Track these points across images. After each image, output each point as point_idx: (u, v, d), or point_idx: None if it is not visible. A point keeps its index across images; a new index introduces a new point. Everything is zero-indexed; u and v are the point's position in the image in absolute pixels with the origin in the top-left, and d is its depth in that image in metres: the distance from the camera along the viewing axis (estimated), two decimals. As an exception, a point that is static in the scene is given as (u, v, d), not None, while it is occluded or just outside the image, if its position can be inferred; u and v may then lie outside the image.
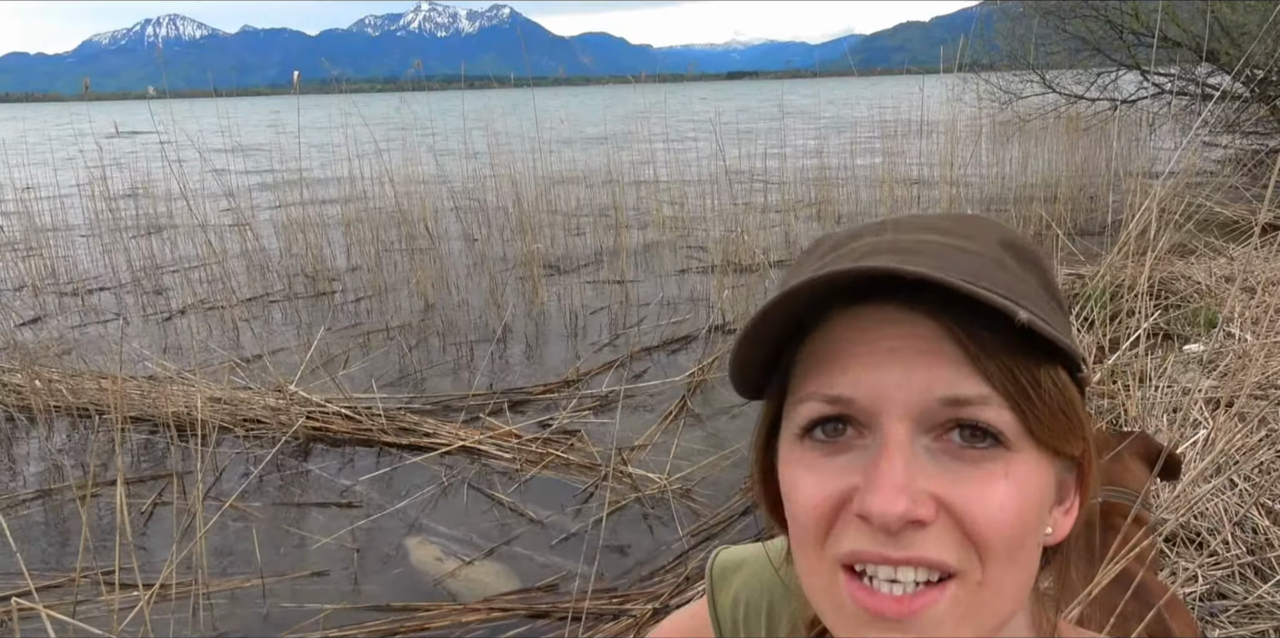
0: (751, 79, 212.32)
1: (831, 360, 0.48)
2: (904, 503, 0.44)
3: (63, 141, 12.33)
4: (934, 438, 0.46)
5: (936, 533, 0.45)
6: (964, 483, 0.45)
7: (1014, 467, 0.46)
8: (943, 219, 0.51)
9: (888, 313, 0.47)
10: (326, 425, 4.13)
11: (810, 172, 10.01)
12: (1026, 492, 0.46)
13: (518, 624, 2.68)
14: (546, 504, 3.43)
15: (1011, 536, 0.45)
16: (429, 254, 7.25)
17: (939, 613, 0.45)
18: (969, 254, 0.48)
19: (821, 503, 0.47)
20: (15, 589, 2.76)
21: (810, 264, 0.52)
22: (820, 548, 0.48)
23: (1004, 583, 0.46)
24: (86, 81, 9.74)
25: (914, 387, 0.46)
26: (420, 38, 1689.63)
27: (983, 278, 0.46)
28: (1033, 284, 0.49)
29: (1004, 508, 0.45)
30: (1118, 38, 12.40)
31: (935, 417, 0.46)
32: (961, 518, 0.45)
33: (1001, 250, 0.50)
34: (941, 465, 0.46)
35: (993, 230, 0.51)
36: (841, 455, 0.48)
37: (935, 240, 0.49)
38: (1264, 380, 3.41)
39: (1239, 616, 2.28)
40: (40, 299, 6.86)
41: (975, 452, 0.46)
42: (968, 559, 0.45)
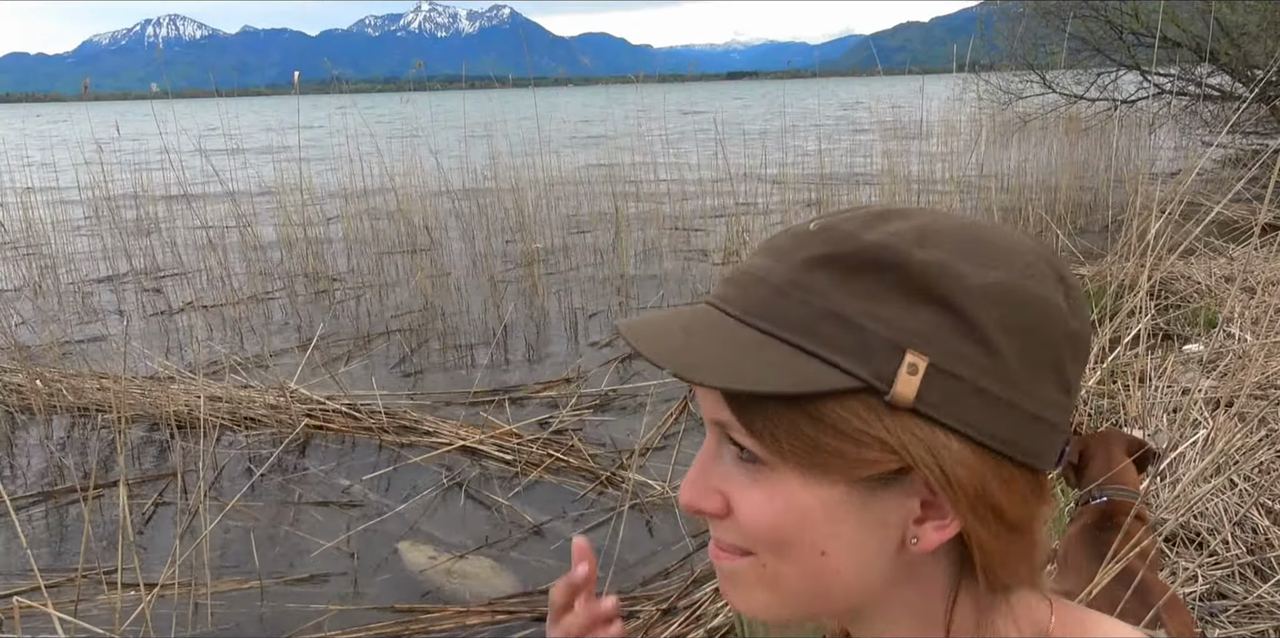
0: (751, 79, 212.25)
1: None
2: (688, 496, 0.54)
3: (63, 142, 12.32)
4: (731, 445, 0.53)
5: (730, 524, 0.53)
6: (736, 487, 0.53)
7: (773, 479, 0.51)
8: (786, 236, 0.54)
9: None
10: (327, 423, 4.13)
11: (810, 172, 10.01)
12: (781, 504, 0.51)
13: (522, 627, 2.68)
14: (546, 509, 3.43)
15: (769, 537, 0.52)
16: (429, 253, 7.25)
17: (734, 568, 0.54)
18: (761, 283, 0.51)
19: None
20: (17, 588, 2.77)
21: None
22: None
23: (781, 572, 0.53)
24: (87, 82, 9.74)
25: (705, 407, 0.54)
26: (420, 38, 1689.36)
27: (753, 311, 0.50)
28: (850, 297, 0.48)
29: (757, 512, 0.52)
30: (1118, 38, 12.41)
31: (720, 432, 0.53)
32: (732, 514, 0.53)
33: (804, 269, 0.50)
34: (730, 469, 0.53)
35: (812, 246, 0.50)
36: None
37: (755, 267, 0.53)
38: (1264, 380, 3.41)
39: (1239, 616, 2.28)
40: (41, 299, 6.86)
41: (746, 464, 0.52)
42: (754, 548, 0.53)
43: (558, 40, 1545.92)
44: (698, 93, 47.39)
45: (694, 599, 2.67)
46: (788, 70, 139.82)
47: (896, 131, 10.28)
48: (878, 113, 12.97)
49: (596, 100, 40.50)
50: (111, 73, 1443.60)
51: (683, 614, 2.60)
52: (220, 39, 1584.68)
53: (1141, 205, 3.82)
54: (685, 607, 2.64)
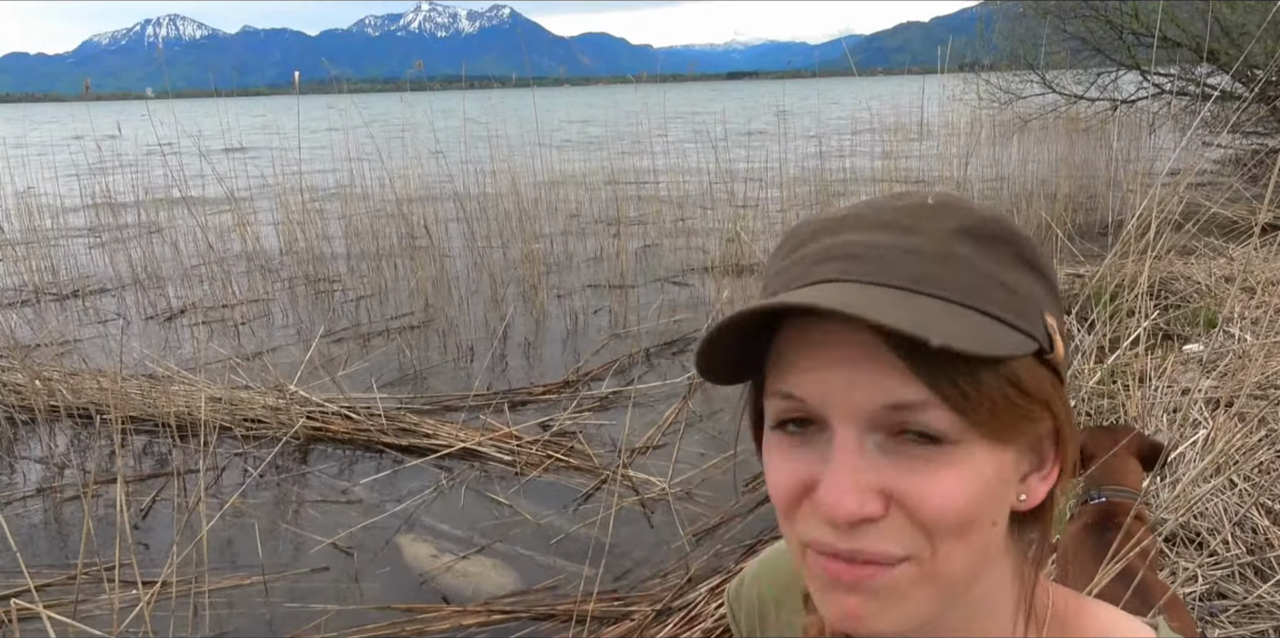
0: (751, 79, 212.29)
1: (786, 363, 0.51)
2: (850, 504, 0.47)
3: (64, 142, 12.33)
4: (886, 434, 0.49)
5: (888, 525, 0.49)
6: (911, 476, 0.48)
7: (959, 457, 0.49)
8: (897, 211, 0.52)
9: (831, 322, 0.49)
10: (326, 426, 4.13)
11: (810, 172, 10.00)
12: (972, 479, 0.49)
13: (519, 627, 2.68)
14: (547, 507, 3.43)
15: (958, 520, 0.49)
16: (429, 254, 7.25)
17: (890, 580, 0.49)
18: (913, 254, 0.50)
19: (789, 488, 0.51)
20: (15, 589, 2.76)
21: (780, 259, 0.55)
22: (791, 528, 0.52)
23: (953, 557, 0.50)
24: (87, 82, 9.75)
25: (858, 394, 0.49)
26: (420, 38, 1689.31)
27: (924, 280, 0.49)
28: (991, 268, 0.51)
29: (949, 497, 0.48)
30: (1118, 38, 12.40)
31: (883, 419, 0.49)
32: (912, 509, 0.48)
33: (954, 240, 0.51)
34: (892, 460, 0.49)
35: (946, 218, 0.52)
36: (805, 447, 0.51)
37: (883, 242, 0.51)
38: (1264, 380, 3.41)
39: (1239, 616, 2.28)
40: (41, 299, 6.86)
41: (925, 448, 0.49)
42: (918, 544, 0.49)
43: (557, 40, 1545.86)
44: (698, 93, 47.43)
45: (689, 600, 2.66)
46: (788, 70, 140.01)
47: (896, 131, 10.28)
48: (877, 113, 12.98)
49: (596, 100, 40.52)
50: (111, 73, 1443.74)
51: (678, 615, 2.59)
52: (220, 39, 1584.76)
53: (1141, 205, 3.81)
54: (680, 607, 2.64)
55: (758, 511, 3.31)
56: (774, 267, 0.56)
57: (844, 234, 0.52)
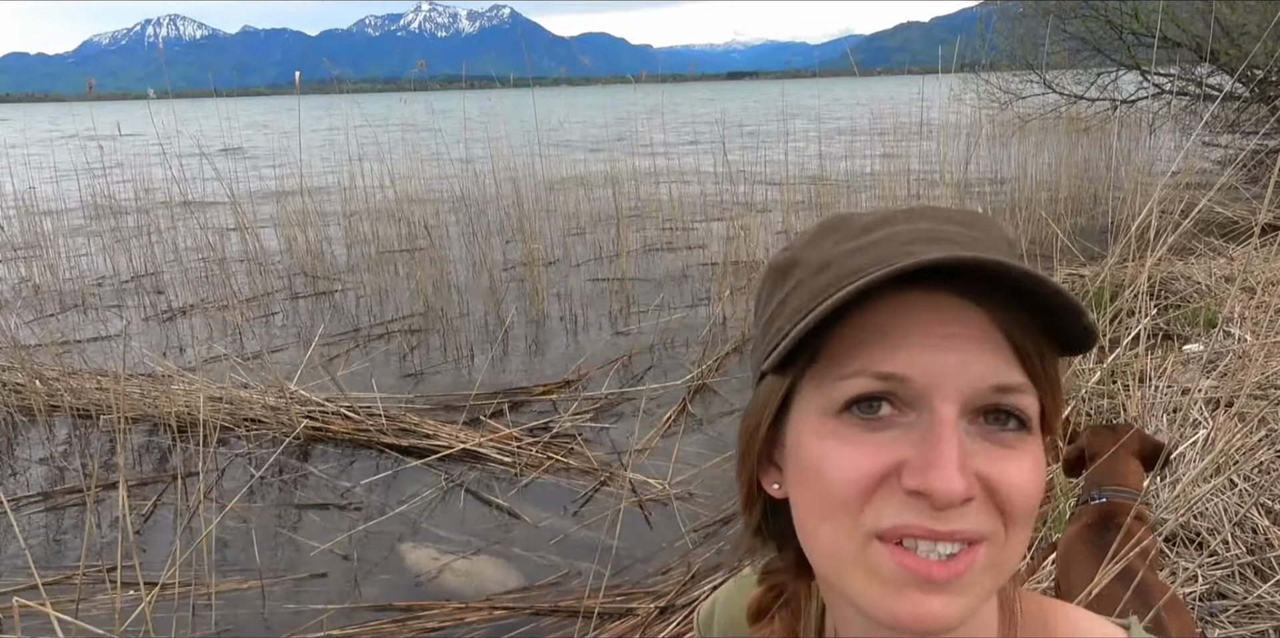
0: (751, 79, 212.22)
1: (881, 340, 0.50)
2: (963, 483, 0.47)
3: (64, 142, 12.33)
4: (969, 421, 0.50)
5: (975, 508, 0.49)
6: (1000, 462, 0.49)
7: (1032, 446, 0.51)
8: (956, 212, 0.55)
9: (937, 299, 0.50)
10: (327, 426, 4.13)
11: (810, 171, 10.01)
12: (1040, 468, 0.51)
13: (522, 623, 2.68)
14: (547, 507, 3.44)
15: (1033, 505, 0.51)
16: (429, 254, 7.25)
17: (975, 573, 0.49)
18: (994, 248, 0.52)
19: (869, 474, 0.49)
20: (17, 587, 2.77)
21: (836, 245, 0.54)
22: (854, 519, 0.50)
23: (1018, 542, 0.51)
24: (90, 82, 9.75)
25: (970, 372, 0.49)
26: (420, 38, 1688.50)
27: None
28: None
29: (1030, 482, 0.50)
30: (1118, 38, 12.40)
31: (979, 401, 0.49)
32: (996, 492, 0.49)
33: (1007, 247, 0.54)
34: (979, 446, 0.50)
35: (997, 228, 0.55)
36: (883, 431, 0.50)
37: (966, 233, 0.52)
38: (1264, 380, 3.41)
39: (1239, 616, 2.28)
40: (41, 299, 6.86)
41: (1006, 434, 0.50)
42: (996, 526, 0.50)
43: (557, 40, 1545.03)
44: (697, 93, 47.42)
45: (692, 597, 2.67)
46: (788, 70, 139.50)
47: (896, 131, 10.29)
48: (877, 113, 12.98)
49: (597, 101, 40.51)
50: (111, 73, 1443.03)
51: (681, 612, 2.60)
52: (220, 39, 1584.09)
53: (1141, 205, 3.82)
54: (684, 605, 2.64)
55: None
56: (834, 249, 0.54)
57: (921, 222, 0.53)
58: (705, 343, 5.35)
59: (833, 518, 0.51)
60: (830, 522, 0.51)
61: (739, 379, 4.73)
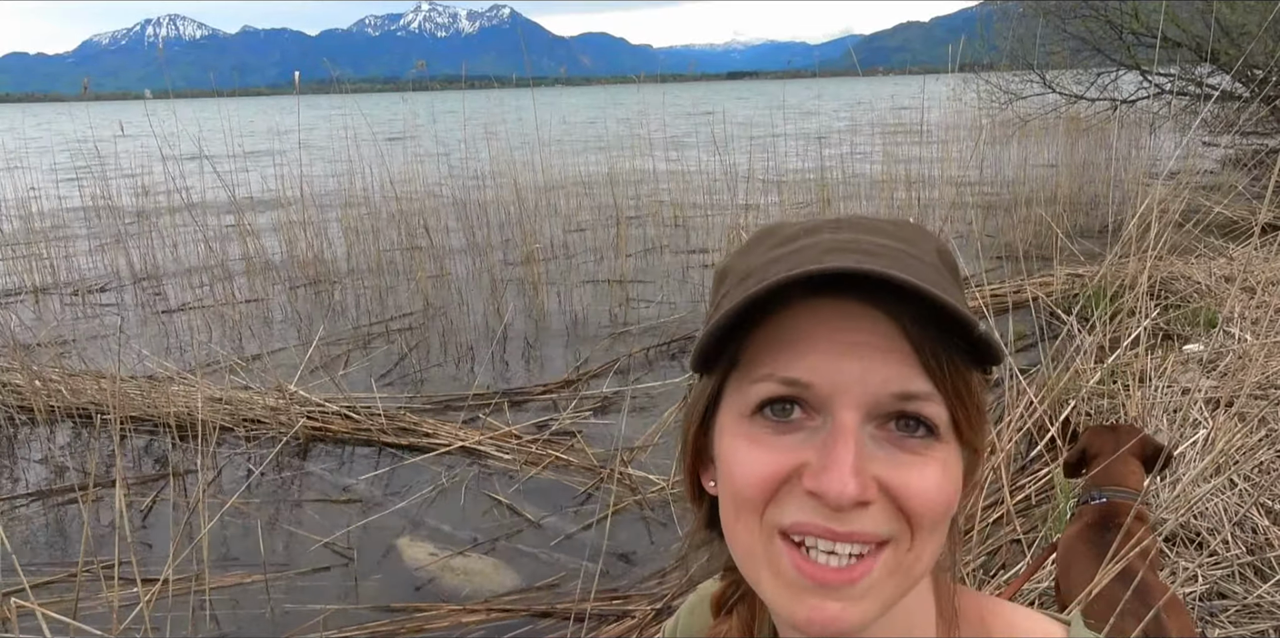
0: (751, 79, 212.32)
1: (789, 346, 0.52)
2: (856, 486, 0.48)
3: (64, 142, 12.33)
4: (877, 426, 0.51)
5: (875, 511, 0.50)
6: (903, 468, 0.50)
7: (941, 454, 0.52)
8: (888, 223, 0.56)
9: (847, 307, 0.51)
10: (326, 425, 4.13)
11: (810, 172, 10.00)
12: (950, 477, 0.52)
13: (519, 625, 2.68)
14: (546, 506, 3.43)
15: (939, 513, 0.51)
16: (429, 254, 7.25)
17: (874, 579, 0.51)
18: (917, 260, 0.52)
19: (769, 476, 0.51)
20: (15, 587, 2.76)
21: (760, 254, 0.55)
22: (758, 517, 0.52)
23: (925, 549, 0.52)
24: (85, 82, 9.73)
25: (871, 380, 0.50)
26: (420, 38, 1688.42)
27: (931, 283, 0.51)
28: (958, 291, 0.55)
29: (937, 490, 0.51)
30: (1118, 38, 12.40)
31: (883, 408, 0.51)
32: (898, 498, 0.50)
33: (937, 258, 0.55)
34: (884, 451, 0.51)
35: (929, 239, 0.56)
36: (791, 434, 0.52)
37: (889, 245, 0.53)
38: (1264, 380, 3.41)
39: (1239, 615, 2.28)
40: (40, 299, 6.86)
41: (913, 441, 0.51)
42: (900, 530, 0.51)
43: (557, 40, 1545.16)
44: (696, 93, 47.41)
45: (692, 599, 2.66)
46: (788, 70, 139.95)
47: (896, 131, 10.28)
48: (877, 113, 12.97)
49: (596, 100, 40.51)
50: (112, 73, 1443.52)
51: (680, 614, 2.59)
52: (220, 39, 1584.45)
53: (1141, 205, 3.82)
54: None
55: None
56: (756, 259, 0.55)
57: (844, 233, 0.54)
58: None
59: (742, 516, 0.53)
60: (741, 520, 0.53)
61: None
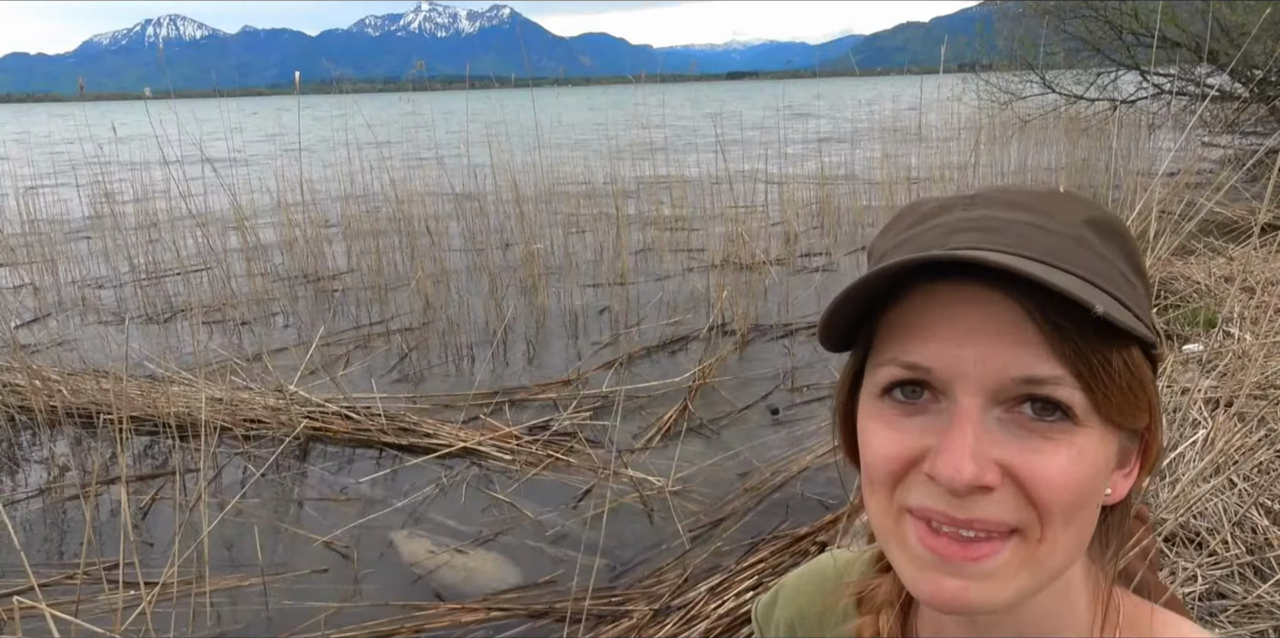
0: (752, 79, 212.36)
1: (912, 331, 0.51)
2: (971, 470, 0.47)
3: (64, 142, 12.32)
4: (1005, 409, 0.50)
5: (1001, 497, 0.49)
6: (1030, 453, 0.49)
7: (1078, 439, 0.49)
8: (1028, 195, 0.54)
9: (968, 291, 0.50)
10: (326, 426, 4.13)
11: (810, 172, 10.01)
12: (1087, 462, 0.49)
13: (517, 624, 2.68)
14: (546, 504, 3.44)
15: (1070, 501, 0.49)
16: (429, 254, 7.25)
17: (998, 563, 0.49)
18: (1050, 234, 0.51)
19: (895, 457, 0.51)
20: (17, 588, 2.76)
21: (896, 234, 0.55)
22: (889, 494, 0.52)
23: (1060, 540, 0.50)
24: (81, 82, 9.74)
25: (991, 365, 0.49)
26: (420, 38, 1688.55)
27: (1062, 259, 0.49)
28: (1115, 260, 0.52)
29: (1065, 476, 0.49)
30: (1117, 38, 12.41)
31: (1009, 392, 0.49)
32: (1025, 484, 0.49)
33: (1084, 228, 0.52)
34: (1011, 435, 0.49)
35: (1077, 207, 0.54)
36: (918, 416, 0.51)
37: (1019, 219, 0.51)
38: (1263, 380, 3.41)
39: (1238, 615, 2.28)
40: (41, 299, 6.86)
41: (1044, 424, 0.49)
42: (1029, 519, 0.49)
43: (558, 40, 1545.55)
44: (699, 93, 47.41)
45: (688, 599, 2.67)
46: (788, 70, 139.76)
47: (896, 131, 10.28)
48: (877, 113, 12.97)
49: (597, 100, 40.52)
50: (112, 73, 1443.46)
51: (676, 614, 2.59)
52: (220, 39, 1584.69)
53: (1141, 205, 3.82)
54: (679, 607, 2.64)
55: (757, 510, 3.32)
56: (893, 238, 0.55)
57: (977, 209, 0.53)
58: (705, 340, 5.35)
59: (874, 492, 0.53)
60: (873, 494, 0.53)
61: (739, 379, 4.73)
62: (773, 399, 4.44)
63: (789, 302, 6.22)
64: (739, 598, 2.60)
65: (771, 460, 3.71)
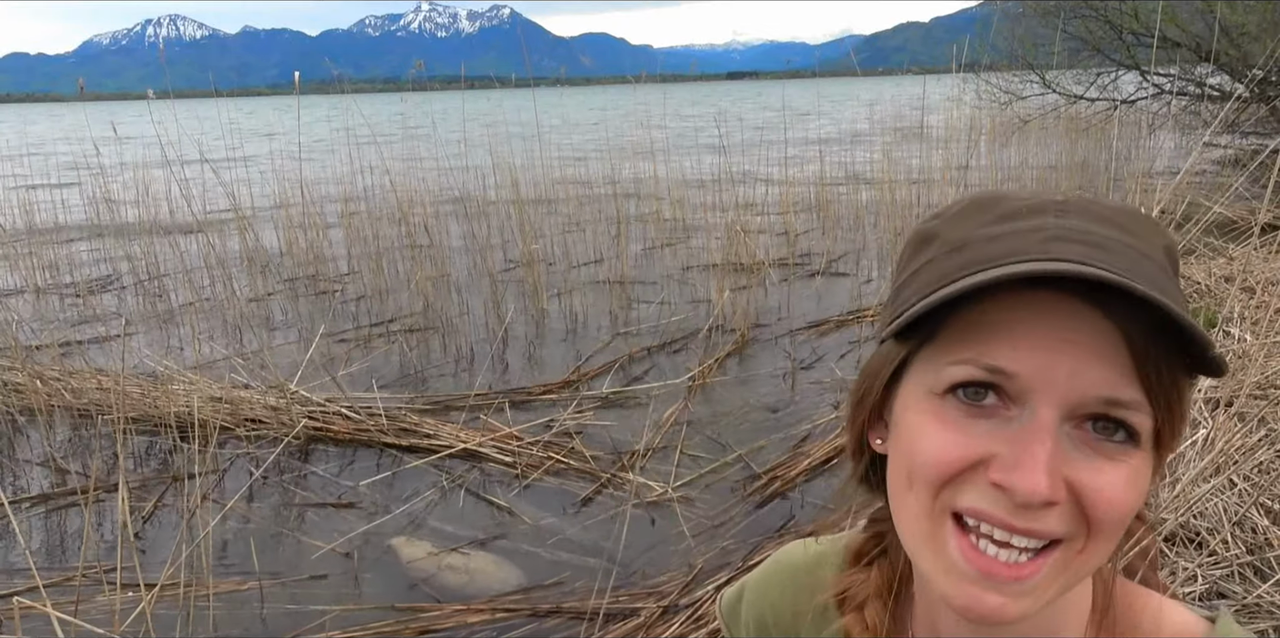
0: (752, 79, 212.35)
1: (998, 333, 0.50)
2: (1048, 487, 0.47)
3: (65, 143, 12.34)
4: (1074, 426, 0.50)
5: (1059, 511, 0.49)
6: (1094, 472, 0.49)
7: (1135, 460, 0.50)
8: (1116, 212, 0.53)
9: (1068, 303, 0.49)
10: (327, 425, 4.13)
11: (810, 172, 10.01)
12: (1141, 484, 0.51)
13: (524, 624, 2.68)
14: (548, 508, 3.44)
15: (1121, 518, 0.50)
16: (429, 254, 7.25)
17: (1043, 576, 0.50)
18: (1148, 260, 0.50)
19: (957, 460, 0.51)
20: (17, 588, 2.77)
21: (978, 226, 0.53)
22: (933, 495, 0.52)
23: (1097, 552, 0.51)
24: (81, 82, 9.73)
25: (1081, 381, 0.49)
26: (420, 38, 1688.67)
27: (1161, 289, 0.48)
28: (1180, 294, 0.52)
29: (1123, 496, 0.49)
30: (1117, 38, 12.41)
31: (1085, 409, 0.49)
32: (1084, 501, 0.49)
33: (1165, 257, 0.52)
34: (1078, 452, 0.50)
35: (1158, 234, 0.53)
36: (984, 420, 0.51)
37: (1117, 238, 0.50)
38: (1263, 380, 3.41)
39: (1238, 615, 2.28)
40: (41, 299, 6.86)
41: (1110, 445, 0.50)
42: (1077, 531, 0.50)
43: (558, 40, 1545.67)
44: (698, 93, 47.42)
45: (695, 597, 2.67)
46: (787, 70, 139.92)
47: (896, 131, 10.28)
48: (877, 113, 12.97)
49: (597, 100, 40.53)
50: (112, 73, 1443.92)
51: (684, 612, 2.60)
52: (220, 39, 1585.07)
53: (1141, 205, 3.82)
54: (687, 605, 2.65)
55: (759, 511, 3.32)
56: (974, 231, 0.53)
57: (1071, 218, 0.51)
58: (705, 341, 5.36)
59: (915, 491, 0.52)
60: (913, 493, 0.53)
61: (739, 379, 4.74)
62: (773, 399, 4.45)
63: (789, 302, 6.23)
64: (741, 598, 2.60)
65: (772, 460, 3.72)
